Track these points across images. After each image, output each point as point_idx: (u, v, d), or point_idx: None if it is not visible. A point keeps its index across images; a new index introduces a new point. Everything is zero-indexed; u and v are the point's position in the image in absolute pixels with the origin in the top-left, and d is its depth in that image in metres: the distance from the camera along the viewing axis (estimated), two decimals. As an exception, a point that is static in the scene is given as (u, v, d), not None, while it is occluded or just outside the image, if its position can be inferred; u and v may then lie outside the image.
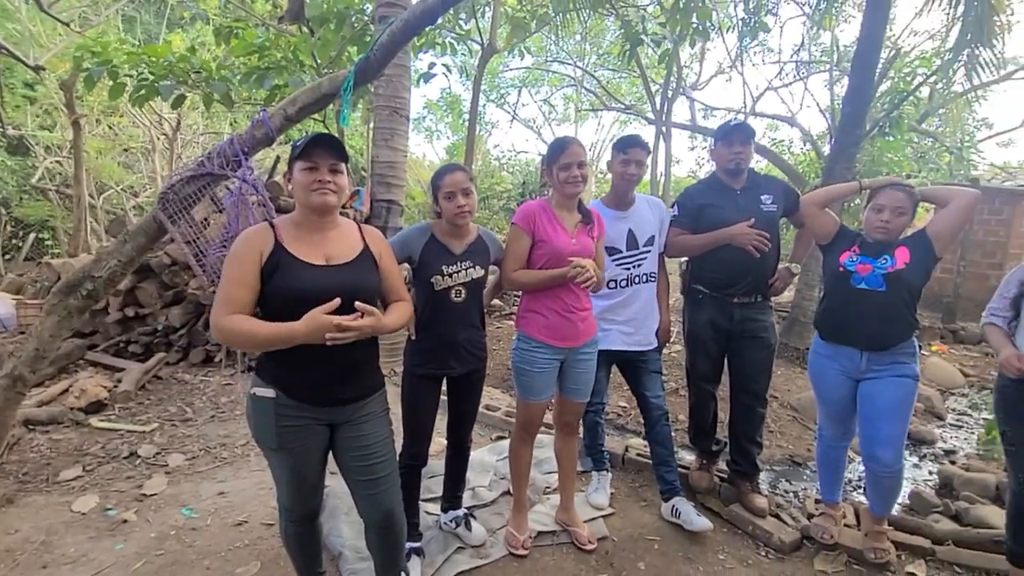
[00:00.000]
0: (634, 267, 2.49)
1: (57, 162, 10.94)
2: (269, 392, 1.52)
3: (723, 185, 2.53)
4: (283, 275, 1.47)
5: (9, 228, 11.11)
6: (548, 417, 2.81)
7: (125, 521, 2.44)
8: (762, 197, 2.46)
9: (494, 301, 5.77)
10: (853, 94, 5.07)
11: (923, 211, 6.90)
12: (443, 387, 2.16)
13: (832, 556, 2.34)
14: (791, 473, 3.51)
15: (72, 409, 3.52)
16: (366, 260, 1.62)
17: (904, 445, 2.22)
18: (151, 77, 4.18)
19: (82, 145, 8.26)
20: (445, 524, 2.37)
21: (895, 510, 2.59)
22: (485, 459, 3.00)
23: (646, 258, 2.50)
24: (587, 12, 7.01)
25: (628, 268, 2.48)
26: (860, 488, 3.21)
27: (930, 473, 3.55)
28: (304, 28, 5.29)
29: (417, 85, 5.87)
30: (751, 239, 2.34)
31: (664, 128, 11.26)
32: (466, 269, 2.01)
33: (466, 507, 2.44)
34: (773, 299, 2.60)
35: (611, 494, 2.74)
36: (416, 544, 2.15)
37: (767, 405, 2.64)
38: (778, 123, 12.95)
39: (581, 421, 2.48)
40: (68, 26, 7.18)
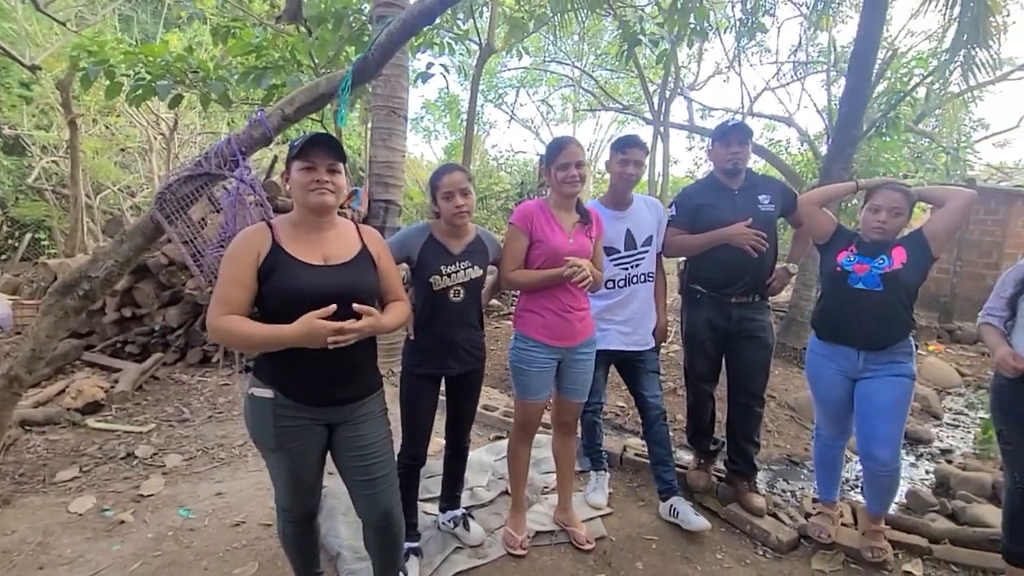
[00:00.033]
0: (632, 267, 2.49)
1: (53, 162, 10.90)
2: (267, 392, 1.51)
3: (721, 185, 2.53)
4: (281, 275, 1.47)
5: (5, 228, 11.06)
6: (546, 417, 2.81)
7: (122, 522, 2.44)
8: (760, 197, 2.47)
9: (492, 301, 5.77)
10: (850, 94, 5.08)
11: (920, 211, 6.93)
12: (441, 387, 2.16)
13: (829, 555, 2.35)
14: (789, 472, 3.52)
15: (69, 410, 3.51)
16: (364, 260, 1.62)
17: (901, 444, 2.23)
18: (148, 77, 4.18)
19: (79, 145, 8.22)
20: (443, 524, 2.37)
21: (892, 509, 2.60)
22: (483, 459, 3.00)
23: (644, 258, 2.50)
24: (585, 12, 7.03)
25: (626, 268, 2.49)
26: (857, 487, 3.23)
27: (927, 472, 3.56)
28: (302, 28, 5.29)
29: (415, 85, 5.88)
30: (748, 239, 2.35)
31: (662, 128, 11.28)
32: (464, 269, 2.01)
33: (464, 507, 2.44)
34: (771, 299, 2.61)
35: (609, 494, 2.74)
36: (414, 544, 2.15)
37: (764, 405, 2.65)
38: (775, 123, 13.02)
39: (579, 421, 2.48)
40: (64, 25, 7.16)
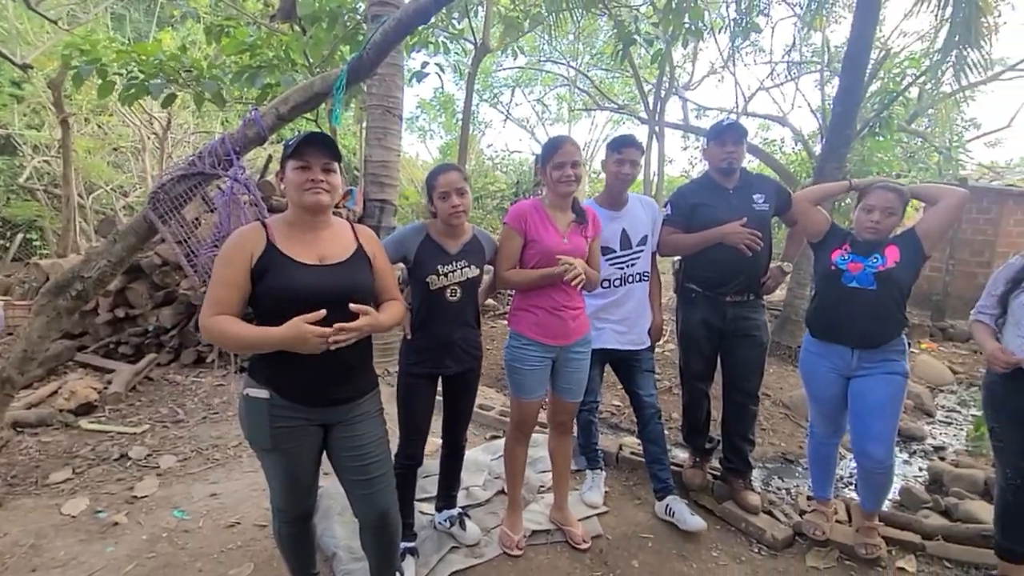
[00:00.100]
0: (627, 266, 2.50)
1: (45, 161, 10.82)
2: (262, 393, 1.51)
3: (716, 184, 2.54)
4: (275, 275, 1.47)
5: (-4, 228, 10.98)
6: (543, 416, 2.82)
7: (116, 523, 2.42)
8: (754, 196, 2.48)
9: (488, 301, 5.77)
10: (843, 94, 5.11)
11: (912, 210, 6.98)
12: (438, 387, 2.16)
13: (824, 552, 2.36)
14: (783, 470, 3.54)
15: (61, 411, 3.48)
16: (360, 260, 1.62)
17: (894, 442, 2.24)
18: (141, 75, 4.15)
19: (71, 144, 8.17)
20: (440, 524, 2.37)
21: (886, 506, 2.62)
22: (479, 458, 3.00)
23: (639, 257, 2.51)
24: (580, 12, 7.04)
25: (622, 268, 2.49)
26: (851, 485, 3.25)
27: (920, 469, 3.58)
28: (296, 27, 5.27)
29: (410, 84, 5.86)
30: (743, 238, 2.36)
31: (657, 128, 11.31)
32: (461, 268, 2.01)
33: (460, 506, 2.44)
34: (765, 298, 2.62)
35: (605, 492, 2.75)
36: (411, 544, 2.15)
37: (759, 403, 2.66)
38: (770, 123, 13.06)
39: (575, 420, 2.48)
40: (56, 24, 7.10)
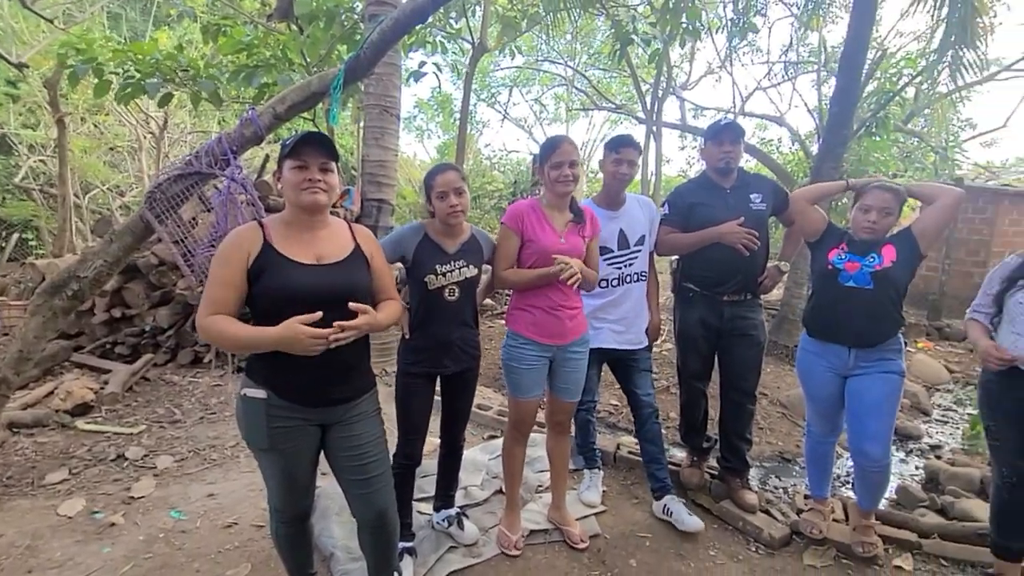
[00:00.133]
0: (625, 266, 2.50)
1: (41, 161, 10.77)
2: (260, 393, 1.51)
3: (713, 184, 2.54)
4: (271, 275, 1.46)
5: (-8, 228, 10.92)
6: (541, 416, 2.82)
7: (113, 524, 2.41)
8: (751, 196, 2.48)
9: (486, 300, 5.76)
10: (840, 94, 5.13)
11: (908, 210, 6.99)
12: (436, 386, 2.15)
13: (821, 551, 2.37)
14: (780, 469, 3.55)
15: (58, 411, 3.47)
16: (357, 259, 1.61)
17: (891, 440, 2.25)
18: (137, 75, 4.13)
19: (67, 144, 8.12)
20: (438, 523, 2.37)
21: (882, 505, 2.63)
22: (477, 458, 3.00)
23: (637, 257, 2.51)
24: (577, 12, 7.03)
25: (619, 267, 2.49)
26: (848, 483, 3.26)
27: (916, 468, 3.60)
28: (293, 26, 5.25)
29: (407, 84, 5.84)
30: (740, 237, 2.36)
31: (654, 128, 11.32)
32: (459, 268, 2.01)
33: (458, 506, 2.44)
34: (763, 297, 2.63)
35: (603, 492, 2.75)
36: (409, 544, 2.14)
37: (757, 402, 2.67)
38: (767, 123, 13.09)
39: (573, 420, 2.48)
40: (52, 23, 7.06)
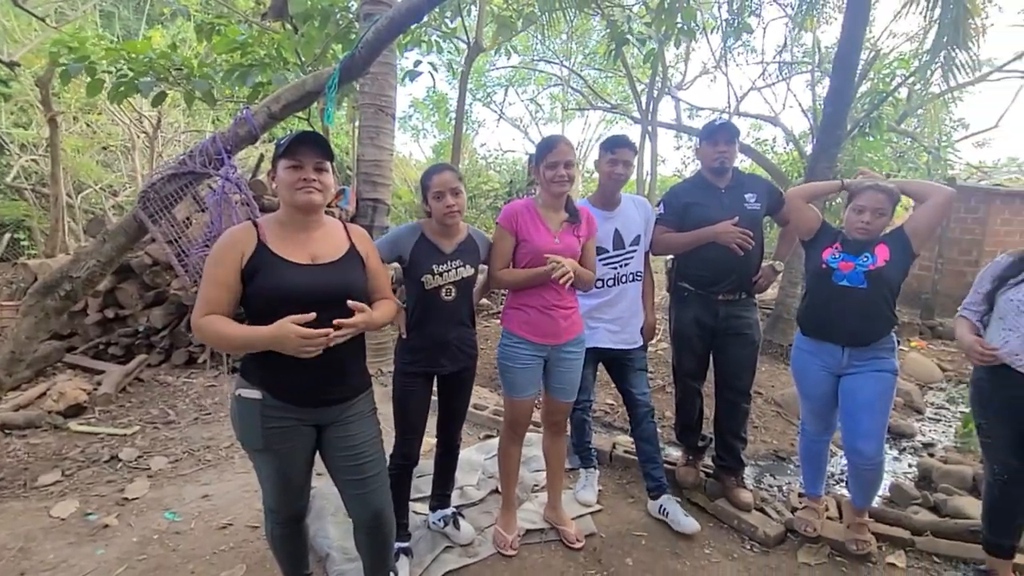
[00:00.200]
0: (620, 266, 2.50)
1: (33, 160, 10.67)
2: (255, 393, 1.50)
3: (708, 184, 2.55)
4: (266, 275, 1.46)
5: (-17, 228, 10.82)
6: (536, 415, 2.82)
7: (106, 526, 2.40)
8: (746, 196, 2.50)
9: (483, 300, 5.76)
10: (834, 95, 5.15)
11: (901, 210, 7.05)
12: (433, 386, 2.15)
13: (815, 548, 2.38)
14: (775, 468, 3.56)
15: (50, 413, 3.44)
16: (352, 259, 1.61)
17: (884, 438, 2.26)
18: (130, 73, 4.10)
19: (59, 143, 8.06)
20: (433, 523, 2.37)
21: (876, 502, 2.65)
22: (473, 458, 3.00)
23: (632, 257, 2.52)
24: (573, 12, 7.04)
25: (615, 267, 2.50)
26: (842, 481, 3.27)
27: (909, 466, 3.62)
28: (288, 25, 5.24)
29: (403, 83, 5.85)
30: (735, 237, 2.37)
31: (650, 127, 11.34)
32: (456, 268, 2.01)
33: (454, 506, 2.44)
34: (757, 296, 2.64)
35: (599, 491, 2.76)
36: (404, 544, 2.14)
37: (751, 401, 2.68)
38: (761, 123, 13.13)
39: (569, 419, 2.48)
40: (44, 21, 7.00)
